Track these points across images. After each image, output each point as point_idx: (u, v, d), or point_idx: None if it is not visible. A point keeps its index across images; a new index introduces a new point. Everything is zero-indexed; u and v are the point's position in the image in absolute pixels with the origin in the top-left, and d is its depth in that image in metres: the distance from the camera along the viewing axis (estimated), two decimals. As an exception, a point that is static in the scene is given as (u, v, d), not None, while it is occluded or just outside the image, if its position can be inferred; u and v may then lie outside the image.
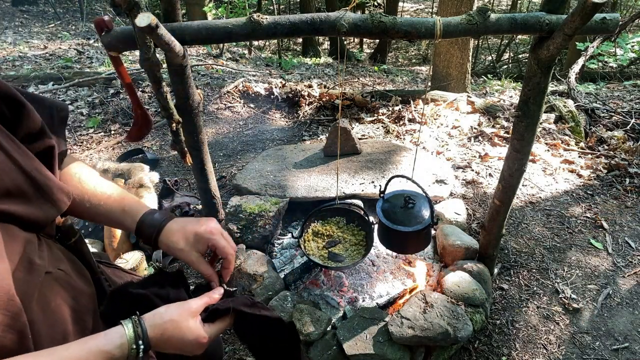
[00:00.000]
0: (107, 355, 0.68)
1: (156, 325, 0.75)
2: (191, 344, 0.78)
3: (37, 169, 0.72)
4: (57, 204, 0.75)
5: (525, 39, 10.55)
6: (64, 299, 0.75)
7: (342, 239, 2.13)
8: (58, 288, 0.75)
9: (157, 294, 0.84)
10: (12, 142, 0.69)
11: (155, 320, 0.75)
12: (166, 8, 1.42)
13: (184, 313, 0.78)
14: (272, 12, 10.19)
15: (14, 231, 0.68)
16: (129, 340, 0.70)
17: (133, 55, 5.56)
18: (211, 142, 3.66)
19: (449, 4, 4.69)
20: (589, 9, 1.14)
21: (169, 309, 0.78)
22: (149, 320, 0.75)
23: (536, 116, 1.61)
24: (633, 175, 3.06)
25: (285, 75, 5.73)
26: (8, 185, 0.66)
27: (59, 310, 0.73)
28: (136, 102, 1.46)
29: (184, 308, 0.79)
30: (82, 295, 0.80)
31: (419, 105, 4.05)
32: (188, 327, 0.78)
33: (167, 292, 0.86)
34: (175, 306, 0.79)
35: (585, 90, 4.58)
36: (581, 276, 2.29)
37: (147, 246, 0.99)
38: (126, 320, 0.73)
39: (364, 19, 1.36)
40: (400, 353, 1.72)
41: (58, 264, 0.77)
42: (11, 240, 0.66)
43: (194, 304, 0.82)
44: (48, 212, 0.74)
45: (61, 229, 0.82)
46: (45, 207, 0.73)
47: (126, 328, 0.72)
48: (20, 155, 0.70)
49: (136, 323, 0.73)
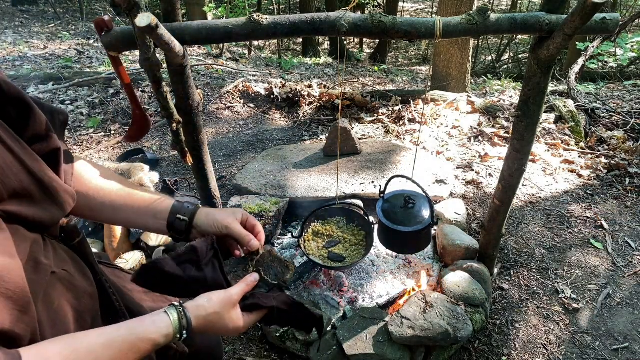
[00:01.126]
0: (153, 342, 0.72)
1: (200, 317, 0.79)
2: (230, 331, 0.85)
3: (43, 171, 0.73)
4: (62, 206, 0.77)
5: (525, 39, 10.55)
6: (67, 299, 0.76)
7: (342, 239, 2.13)
8: (62, 288, 0.76)
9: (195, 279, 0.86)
10: (18, 144, 0.70)
11: (200, 312, 0.79)
12: (166, 8, 1.42)
13: (227, 305, 0.83)
14: (272, 12, 10.19)
15: (21, 231, 0.69)
16: (174, 330, 0.74)
17: (133, 55, 5.56)
18: (211, 142, 3.66)
19: (449, 4, 4.69)
20: (589, 9, 1.14)
21: (212, 301, 0.82)
22: (193, 312, 0.78)
23: (536, 116, 1.61)
24: (633, 175, 3.05)
25: (285, 75, 5.73)
26: (15, 186, 0.67)
27: (61, 310, 0.75)
28: (135, 102, 1.46)
29: (225, 299, 0.83)
30: (84, 296, 0.81)
31: (419, 105, 4.05)
32: (230, 318, 0.83)
33: (204, 275, 0.87)
34: (216, 297, 0.83)
35: (585, 90, 4.58)
36: (581, 276, 2.29)
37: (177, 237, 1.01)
38: (171, 309, 0.76)
39: (364, 19, 1.36)
40: (400, 353, 1.72)
41: (62, 265, 0.78)
42: (19, 240, 0.67)
43: (234, 294, 0.85)
44: (54, 213, 0.75)
45: (65, 230, 0.83)
46: (51, 209, 0.74)
47: (172, 318, 0.75)
48: (27, 156, 0.71)
49: (181, 314, 0.76)
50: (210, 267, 0.89)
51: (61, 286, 0.76)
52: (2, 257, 0.60)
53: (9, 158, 0.67)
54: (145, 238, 2.28)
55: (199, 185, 1.96)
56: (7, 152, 0.68)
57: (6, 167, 0.66)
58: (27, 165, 0.70)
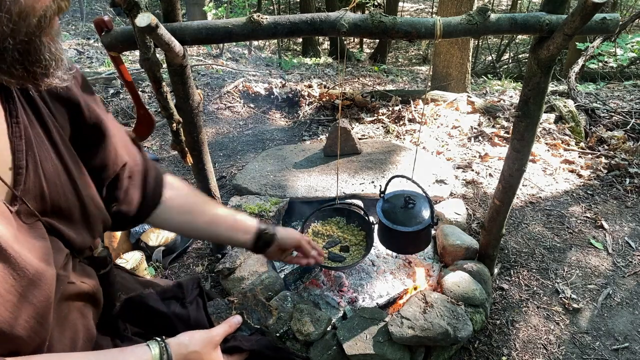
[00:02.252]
0: None
1: (181, 354, 0.78)
2: None
3: (91, 197, 0.77)
4: (92, 232, 0.80)
5: (525, 39, 10.54)
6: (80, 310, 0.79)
7: (342, 239, 2.13)
8: (78, 302, 0.78)
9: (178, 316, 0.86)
10: (78, 167, 0.75)
11: (180, 350, 0.78)
12: (166, 8, 1.42)
13: (208, 345, 0.82)
14: (272, 12, 10.19)
15: (59, 245, 0.72)
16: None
17: (133, 55, 5.55)
18: (211, 142, 3.66)
19: (449, 4, 4.69)
20: (589, 9, 1.14)
21: (193, 339, 0.81)
22: (175, 349, 0.78)
23: (536, 116, 1.61)
24: (633, 175, 3.05)
25: (285, 75, 5.73)
26: (62, 205, 0.71)
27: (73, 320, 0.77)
28: (138, 101, 1.45)
29: (207, 339, 0.83)
30: (97, 309, 0.84)
31: (419, 105, 4.05)
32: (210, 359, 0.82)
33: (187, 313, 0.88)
34: (199, 335, 0.82)
35: (585, 90, 4.57)
36: (581, 276, 2.29)
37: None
38: (153, 344, 0.76)
39: (364, 19, 1.36)
40: (400, 353, 1.72)
41: (82, 277, 0.80)
42: (56, 253, 0.70)
43: (216, 335, 0.85)
44: (84, 237, 0.78)
45: (95, 260, 0.85)
46: (83, 232, 0.77)
47: (153, 351, 0.75)
48: (81, 180, 0.75)
49: (163, 349, 0.76)
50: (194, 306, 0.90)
51: (76, 298, 0.78)
52: (39, 262, 0.62)
53: (64, 177, 0.72)
54: (145, 238, 2.28)
55: (199, 185, 1.96)
56: (64, 171, 0.72)
57: (59, 184, 0.71)
58: (78, 189, 0.74)
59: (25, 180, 0.65)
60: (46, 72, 0.59)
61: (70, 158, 0.74)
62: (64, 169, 0.72)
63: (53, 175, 0.70)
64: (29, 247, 0.62)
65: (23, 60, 0.56)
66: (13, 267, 0.58)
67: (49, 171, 0.69)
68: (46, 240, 0.66)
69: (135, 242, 2.32)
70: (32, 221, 0.66)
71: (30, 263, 0.60)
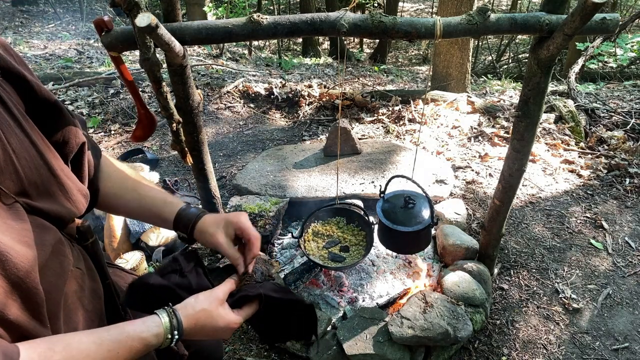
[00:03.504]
0: (144, 341, 0.72)
1: (189, 316, 0.79)
2: (222, 330, 0.83)
3: (61, 169, 0.75)
4: (75, 204, 0.78)
5: (525, 39, 10.54)
6: (79, 297, 0.78)
7: (342, 239, 2.13)
8: (75, 285, 0.78)
9: (180, 285, 0.87)
10: (42, 141, 0.73)
11: (188, 311, 0.79)
12: (166, 8, 1.42)
13: (214, 302, 0.83)
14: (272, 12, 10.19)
15: (45, 225, 0.71)
16: (165, 329, 0.75)
17: (133, 55, 5.56)
18: (211, 142, 3.66)
19: (449, 4, 4.69)
20: (589, 9, 1.14)
21: (198, 299, 0.82)
22: (182, 311, 0.79)
23: (536, 116, 1.61)
24: (633, 175, 3.05)
25: (285, 75, 5.73)
26: (36, 180, 0.69)
27: (73, 307, 0.76)
28: (139, 101, 1.44)
29: (212, 297, 0.84)
30: (93, 295, 0.83)
31: (419, 105, 4.05)
32: (219, 315, 0.82)
33: (188, 281, 0.88)
34: (203, 296, 0.83)
35: (585, 90, 4.57)
36: (581, 276, 2.29)
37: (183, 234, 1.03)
38: (161, 311, 0.77)
39: (364, 19, 1.36)
40: (400, 353, 1.72)
41: (77, 262, 0.80)
42: (42, 233, 0.69)
43: (220, 292, 0.85)
44: (69, 210, 0.77)
45: (80, 230, 0.85)
46: (67, 206, 0.76)
47: (162, 318, 0.75)
48: (48, 153, 0.73)
49: (171, 314, 0.77)
50: (193, 274, 0.90)
51: (75, 283, 0.78)
52: (19, 245, 0.62)
53: (32, 151, 0.70)
54: (145, 238, 2.28)
55: (199, 185, 1.96)
56: (31, 146, 0.70)
57: (29, 159, 0.69)
58: (48, 162, 0.72)
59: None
60: None
61: (33, 132, 0.71)
62: (31, 143, 0.70)
63: (22, 150, 0.67)
64: (7, 230, 0.61)
65: None
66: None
67: (16, 147, 0.67)
68: (25, 222, 0.65)
69: (135, 242, 2.32)
70: (10, 202, 0.64)
71: (10, 246, 0.59)
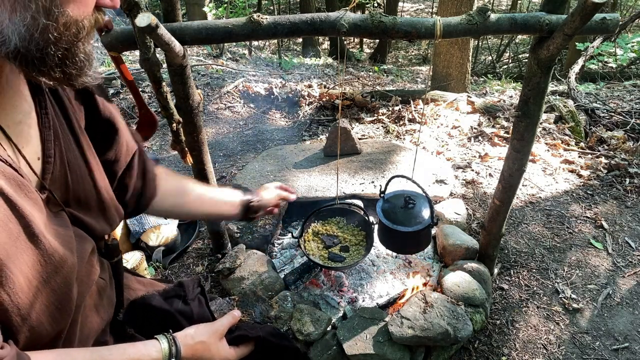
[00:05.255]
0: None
1: (188, 346, 0.80)
2: None
3: (106, 188, 0.80)
4: (109, 222, 0.82)
5: (525, 39, 10.54)
6: (95, 304, 0.81)
7: (342, 239, 2.13)
8: (95, 295, 0.81)
9: (181, 312, 0.88)
10: (94, 159, 0.77)
11: (187, 341, 0.81)
12: (166, 8, 1.42)
13: (213, 335, 0.85)
14: (272, 12, 10.19)
15: (84, 235, 0.74)
16: (164, 356, 0.76)
17: (133, 55, 5.55)
18: (211, 142, 3.66)
19: (449, 4, 4.69)
20: (589, 9, 1.14)
21: (198, 330, 0.84)
22: (182, 340, 0.81)
23: (536, 116, 1.61)
24: (633, 175, 3.05)
25: (285, 75, 5.73)
26: (81, 194, 0.73)
27: (90, 314, 0.79)
28: (139, 101, 1.45)
29: (212, 329, 0.86)
30: (109, 304, 0.86)
31: (419, 105, 4.05)
32: (217, 349, 0.85)
33: (190, 309, 0.90)
34: (204, 327, 0.86)
35: (585, 90, 4.57)
36: (581, 276, 2.29)
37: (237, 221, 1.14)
38: (161, 337, 0.79)
39: (364, 19, 1.36)
40: (400, 353, 1.72)
41: (101, 273, 0.83)
42: (82, 242, 0.72)
43: (220, 326, 0.88)
44: (103, 226, 0.80)
45: (108, 247, 0.88)
46: (102, 222, 0.80)
47: (162, 344, 0.77)
48: (98, 172, 0.77)
49: (171, 341, 0.78)
50: (196, 302, 0.92)
51: (96, 292, 0.80)
52: (64, 250, 0.64)
53: (83, 167, 0.74)
54: (145, 238, 2.28)
55: (199, 185, 1.96)
56: (83, 162, 0.74)
57: (80, 176, 0.73)
58: (95, 179, 0.76)
59: (52, 170, 0.67)
60: (80, 73, 0.61)
61: (88, 149, 0.76)
62: (83, 159, 0.74)
63: (75, 165, 0.72)
64: (55, 235, 0.64)
65: (62, 64, 0.58)
66: (42, 254, 0.60)
67: (71, 161, 0.71)
68: (69, 229, 0.69)
69: (135, 242, 2.32)
70: (57, 210, 0.68)
71: (56, 250, 0.62)
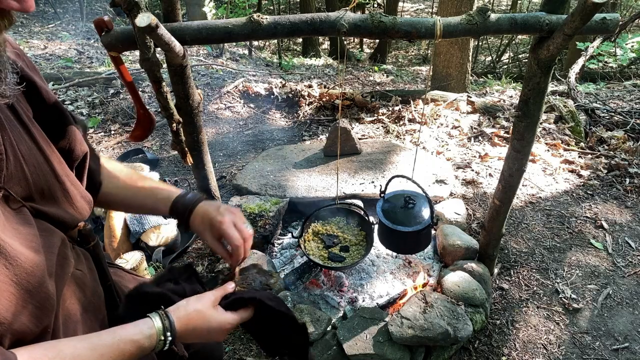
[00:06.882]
0: (136, 344, 0.71)
1: (181, 317, 0.78)
2: (216, 331, 0.82)
3: (67, 175, 0.76)
4: (79, 210, 0.79)
5: (525, 39, 10.54)
6: (78, 298, 0.78)
7: (342, 239, 2.13)
8: (74, 287, 0.78)
9: (174, 291, 0.87)
10: (49, 147, 0.74)
11: (180, 313, 0.79)
12: (166, 8, 1.42)
13: (206, 303, 0.83)
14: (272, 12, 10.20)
15: (50, 229, 0.71)
16: (157, 331, 0.74)
17: (133, 55, 5.55)
18: (211, 142, 3.66)
19: (449, 4, 4.69)
20: (589, 9, 1.14)
21: (190, 301, 0.82)
22: (174, 313, 0.78)
23: (536, 116, 1.61)
24: (633, 175, 3.05)
25: (285, 75, 5.73)
26: (43, 186, 0.70)
27: (72, 307, 0.76)
28: (138, 101, 1.45)
29: (204, 298, 0.84)
30: (94, 297, 0.84)
31: (419, 105, 4.05)
32: (212, 315, 0.82)
33: (182, 287, 0.89)
34: (195, 298, 0.83)
35: (585, 90, 4.57)
36: (581, 276, 2.29)
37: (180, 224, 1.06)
38: (153, 314, 0.77)
39: (364, 19, 1.36)
40: (400, 353, 1.72)
41: (77, 264, 0.80)
42: (48, 236, 0.70)
43: (211, 294, 0.86)
44: (73, 216, 0.78)
45: (82, 233, 0.85)
46: (71, 211, 0.77)
47: (154, 320, 0.75)
48: (55, 160, 0.74)
49: (163, 316, 0.76)
50: (187, 282, 0.91)
51: (74, 285, 0.78)
52: (28, 250, 0.62)
53: (39, 157, 0.71)
54: (145, 238, 2.28)
55: (199, 185, 1.96)
56: (38, 152, 0.71)
57: (37, 166, 0.70)
58: (54, 168, 0.73)
59: (7, 166, 0.64)
60: None
61: (41, 138, 0.72)
62: (38, 149, 0.71)
63: (30, 156, 0.69)
64: (16, 235, 0.62)
65: None
66: (6, 257, 0.58)
67: (25, 153, 0.68)
68: (32, 226, 0.66)
69: (135, 242, 2.32)
70: (18, 207, 0.65)
71: (20, 251, 0.60)
